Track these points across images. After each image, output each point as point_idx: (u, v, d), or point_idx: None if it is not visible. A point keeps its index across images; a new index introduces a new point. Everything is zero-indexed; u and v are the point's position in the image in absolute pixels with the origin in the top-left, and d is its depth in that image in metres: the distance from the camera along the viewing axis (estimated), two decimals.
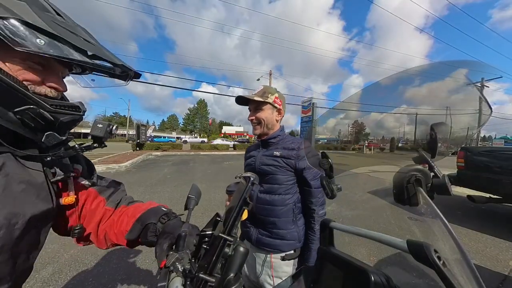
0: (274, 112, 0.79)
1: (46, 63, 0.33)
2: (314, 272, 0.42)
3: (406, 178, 0.33)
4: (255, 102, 0.77)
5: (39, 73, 0.33)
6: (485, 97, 0.39)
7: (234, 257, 0.28)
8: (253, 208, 0.75)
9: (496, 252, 2.08)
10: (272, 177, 0.74)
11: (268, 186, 0.75)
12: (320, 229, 0.45)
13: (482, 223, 2.77)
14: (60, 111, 0.34)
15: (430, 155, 0.34)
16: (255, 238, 0.76)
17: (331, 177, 0.46)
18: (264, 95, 0.76)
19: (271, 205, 0.74)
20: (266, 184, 0.76)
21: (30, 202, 0.32)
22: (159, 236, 0.41)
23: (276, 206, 0.73)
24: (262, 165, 0.77)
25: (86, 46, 0.32)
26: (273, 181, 0.74)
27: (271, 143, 0.80)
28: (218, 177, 5.52)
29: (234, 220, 0.31)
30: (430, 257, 0.27)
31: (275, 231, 0.73)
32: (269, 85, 0.83)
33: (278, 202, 0.73)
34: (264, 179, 0.76)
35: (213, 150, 16.33)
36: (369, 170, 0.94)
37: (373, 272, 0.34)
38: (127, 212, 0.47)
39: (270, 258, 0.73)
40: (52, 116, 0.32)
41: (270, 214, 0.74)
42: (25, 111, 0.30)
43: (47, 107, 0.32)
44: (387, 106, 0.56)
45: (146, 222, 0.43)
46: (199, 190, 0.45)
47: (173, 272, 0.31)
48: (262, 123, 0.78)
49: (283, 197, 0.73)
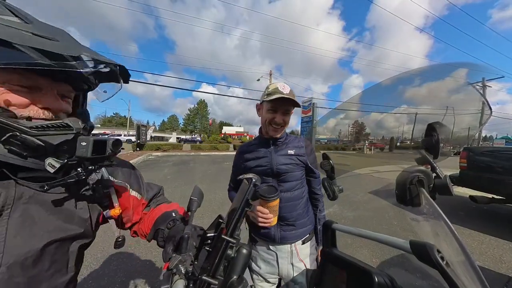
0: None
1: (31, 84, 0.30)
2: (318, 274, 0.42)
3: (408, 179, 0.33)
4: (291, 105, 0.74)
5: (25, 94, 0.29)
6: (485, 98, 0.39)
7: (237, 259, 0.27)
8: None
9: (500, 253, 2.06)
10: (290, 175, 0.78)
11: (287, 184, 0.78)
12: (322, 231, 0.45)
13: (484, 224, 2.75)
14: (48, 132, 0.30)
15: (432, 156, 0.34)
16: (278, 236, 0.77)
17: (332, 179, 0.46)
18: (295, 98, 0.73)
19: (293, 201, 0.78)
20: (284, 182, 0.78)
21: (54, 226, 0.32)
22: (166, 241, 0.44)
23: (296, 201, 0.78)
24: (281, 165, 0.77)
25: (45, 45, 0.26)
26: (291, 178, 0.78)
27: (279, 143, 0.81)
28: (218, 178, 5.50)
29: (237, 222, 0.30)
30: (433, 257, 0.26)
31: (297, 223, 0.77)
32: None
33: (298, 196, 0.79)
34: (281, 178, 0.78)
35: (214, 151, 16.34)
36: (370, 171, 0.94)
37: (376, 273, 0.33)
38: (151, 215, 0.51)
39: (295, 246, 0.77)
40: (40, 140, 0.28)
41: (292, 209, 0.77)
42: (9, 139, 0.27)
43: (27, 131, 0.28)
44: (390, 106, 0.56)
45: (157, 227, 0.47)
46: (201, 192, 0.45)
47: (176, 274, 0.31)
48: (285, 126, 0.78)
49: (301, 191, 0.80)
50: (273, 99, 0.69)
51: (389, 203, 3.29)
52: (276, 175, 0.78)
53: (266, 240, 0.79)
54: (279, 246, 0.78)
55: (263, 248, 0.81)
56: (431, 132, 0.34)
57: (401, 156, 0.60)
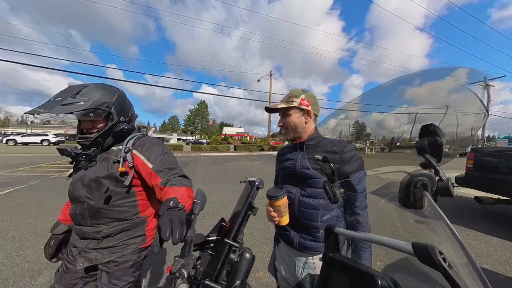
0: (302, 115, 0.77)
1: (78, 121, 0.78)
2: (320, 279, 0.42)
3: (413, 183, 0.33)
4: (281, 109, 0.77)
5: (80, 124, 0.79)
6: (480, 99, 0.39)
7: (240, 264, 0.27)
8: (295, 211, 0.74)
9: (508, 255, 2.01)
10: (315, 181, 0.72)
11: (312, 190, 0.73)
12: (324, 235, 0.45)
13: (490, 225, 2.70)
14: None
15: (435, 159, 0.34)
16: (297, 242, 0.75)
17: (333, 181, 0.46)
18: (289, 100, 0.76)
19: (315, 209, 0.71)
20: (308, 188, 0.73)
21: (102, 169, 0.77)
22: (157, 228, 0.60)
23: (320, 210, 0.71)
24: (304, 169, 0.74)
25: (47, 106, 0.66)
26: (316, 185, 0.72)
27: (309, 146, 0.77)
28: (219, 179, 5.51)
29: (240, 225, 0.30)
30: (436, 259, 0.26)
31: (318, 235, 0.72)
32: (295, 88, 0.79)
33: (322, 207, 0.71)
34: (307, 183, 0.74)
35: (214, 151, 16.35)
36: (373, 172, 0.91)
37: (380, 277, 0.33)
38: (162, 194, 0.68)
39: (313, 260, 0.73)
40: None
41: (314, 218, 0.72)
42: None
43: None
44: (391, 106, 0.56)
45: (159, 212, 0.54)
46: (204, 195, 0.45)
47: (178, 278, 0.31)
48: (290, 128, 0.77)
49: (327, 202, 0.70)
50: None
51: (392, 205, 3.24)
52: (300, 178, 0.75)
53: (286, 243, 0.79)
54: (298, 254, 0.75)
55: (285, 250, 0.81)
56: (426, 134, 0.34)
57: (402, 156, 0.59)
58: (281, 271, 0.83)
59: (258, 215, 0.52)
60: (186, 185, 0.67)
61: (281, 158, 0.89)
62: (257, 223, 2.63)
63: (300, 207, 0.74)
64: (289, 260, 0.79)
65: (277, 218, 0.69)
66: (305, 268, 0.74)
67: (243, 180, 0.62)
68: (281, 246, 0.84)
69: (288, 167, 0.81)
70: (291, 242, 0.76)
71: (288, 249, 0.79)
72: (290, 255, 0.79)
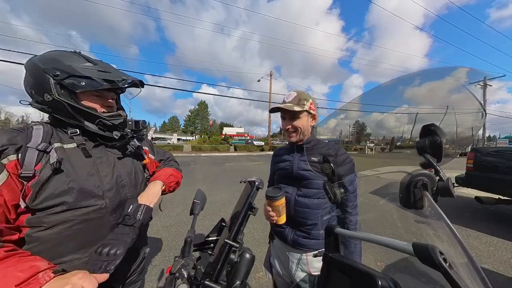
0: (309, 118, 0.78)
1: (99, 94, 0.59)
2: (320, 279, 0.42)
3: (413, 183, 0.33)
4: (291, 111, 0.76)
5: (98, 100, 0.59)
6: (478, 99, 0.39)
7: (240, 264, 0.27)
8: (291, 210, 0.76)
9: (509, 256, 2.01)
10: (310, 182, 0.75)
11: (306, 191, 0.76)
12: (324, 235, 0.45)
13: (490, 225, 2.69)
14: (112, 118, 0.60)
15: (436, 159, 0.34)
16: (291, 238, 0.78)
17: (333, 182, 0.46)
18: (300, 102, 0.75)
19: (309, 208, 0.75)
20: (304, 188, 0.77)
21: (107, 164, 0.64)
22: None
23: (314, 209, 0.75)
24: (300, 170, 0.77)
25: (104, 76, 0.57)
26: (311, 186, 0.75)
27: (306, 148, 0.79)
28: (219, 179, 5.52)
29: (240, 225, 0.30)
30: (436, 259, 0.26)
31: (312, 233, 0.75)
32: (301, 91, 0.79)
33: (316, 206, 0.75)
34: (302, 184, 0.77)
35: (214, 152, 16.37)
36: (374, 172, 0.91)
37: (380, 277, 0.33)
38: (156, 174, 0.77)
39: (306, 256, 0.76)
40: (110, 122, 0.58)
41: (307, 217, 0.75)
42: (98, 123, 0.57)
43: (105, 118, 0.58)
44: (391, 106, 0.56)
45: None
46: (204, 195, 0.45)
47: (178, 278, 0.31)
48: (298, 131, 0.77)
49: (321, 201, 0.75)
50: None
51: (392, 205, 3.24)
52: (297, 180, 0.77)
53: (280, 239, 0.81)
54: (292, 250, 0.78)
55: (279, 246, 0.83)
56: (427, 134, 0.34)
57: (402, 155, 0.59)
58: (276, 267, 0.85)
59: (258, 215, 0.52)
60: None
61: (277, 159, 0.90)
62: (257, 223, 2.63)
63: (295, 206, 0.77)
64: (283, 256, 0.82)
65: (276, 218, 0.71)
66: (299, 264, 0.77)
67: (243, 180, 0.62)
68: (275, 243, 0.86)
69: (284, 168, 0.83)
70: (285, 238, 0.79)
71: (283, 245, 0.81)
72: (284, 251, 0.81)
